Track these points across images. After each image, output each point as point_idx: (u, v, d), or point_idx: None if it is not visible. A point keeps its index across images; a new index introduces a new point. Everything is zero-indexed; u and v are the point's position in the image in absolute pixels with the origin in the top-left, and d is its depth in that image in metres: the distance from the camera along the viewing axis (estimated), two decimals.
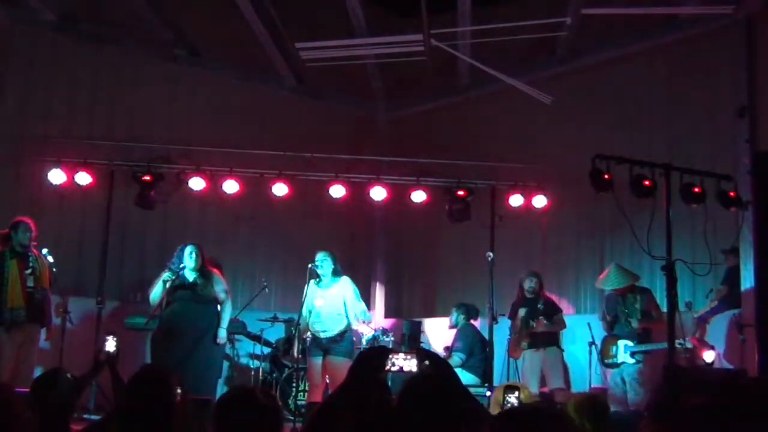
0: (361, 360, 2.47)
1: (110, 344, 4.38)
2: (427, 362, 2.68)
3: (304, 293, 7.29)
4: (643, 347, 7.22)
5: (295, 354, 7.35)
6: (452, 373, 2.73)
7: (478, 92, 10.85)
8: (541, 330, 8.02)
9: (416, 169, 9.62)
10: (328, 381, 7.23)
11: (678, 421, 2.39)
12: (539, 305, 8.13)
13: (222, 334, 7.32)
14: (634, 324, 7.31)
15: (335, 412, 2.32)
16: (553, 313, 8.16)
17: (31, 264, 7.16)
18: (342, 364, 7.05)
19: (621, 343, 7.33)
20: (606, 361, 7.47)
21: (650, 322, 7.33)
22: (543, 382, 8.08)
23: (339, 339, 7.18)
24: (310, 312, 7.31)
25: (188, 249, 7.25)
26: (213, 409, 2.96)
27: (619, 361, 7.31)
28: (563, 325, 8.28)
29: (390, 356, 2.56)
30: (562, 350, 8.28)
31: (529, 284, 8.22)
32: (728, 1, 8.05)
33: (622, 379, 7.27)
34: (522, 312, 8.18)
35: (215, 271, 7.50)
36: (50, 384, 3.83)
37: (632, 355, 7.25)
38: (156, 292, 7.20)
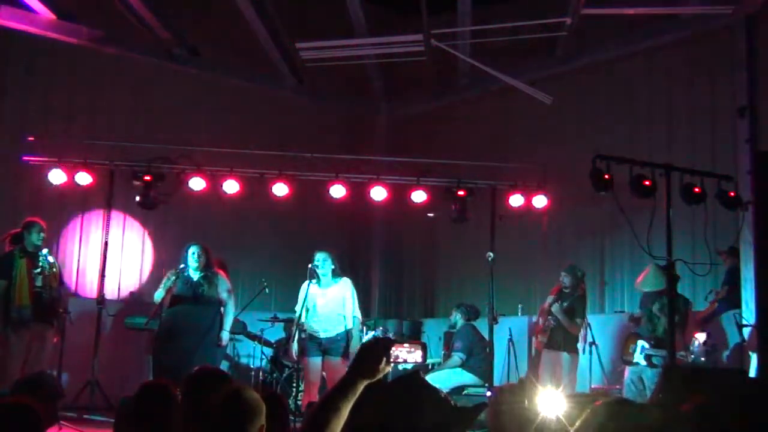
0: (363, 353, 2.38)
1: None
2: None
3: (300, 292, 7.27)
4: (658, 352, 7.12)
5: (294, 354, 7.31)
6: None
7: (478, 92, 10.86)
8: (555, 311, 7.79)
9: (416, 169, 9.59)
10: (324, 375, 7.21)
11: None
12: (565, 302, 7.88)
13: (225, 336, 7.32)
14: (659, 331, 7.22)
15: (334, 408, 2.27)
16: (572, 314, 7.85)
17: (40, 264, 7.17)
18: (341, 365, 7.04)
19: (640, 343, 7.28)
20: (624, 357, 7.41)
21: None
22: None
23: (339, 339, 7.15)
24: (308, 310, 7.27)
25: (191, 249, 7.25)
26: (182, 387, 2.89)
27: (634, 361, 7.26)
28: (573, 328, 7.85)
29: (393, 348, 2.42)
30: (577, 355, 7.96)
31: (563, 278, 7.98)
32: (728, 1, 8.06)
33: (641, 380, 7.20)
34: (549, 299, 8.01)
35: (221, 272, 7.48)
36: (34, 388, 3.81)
37: (647, 358, 7.18)
38: (159, 292, 7.21)
